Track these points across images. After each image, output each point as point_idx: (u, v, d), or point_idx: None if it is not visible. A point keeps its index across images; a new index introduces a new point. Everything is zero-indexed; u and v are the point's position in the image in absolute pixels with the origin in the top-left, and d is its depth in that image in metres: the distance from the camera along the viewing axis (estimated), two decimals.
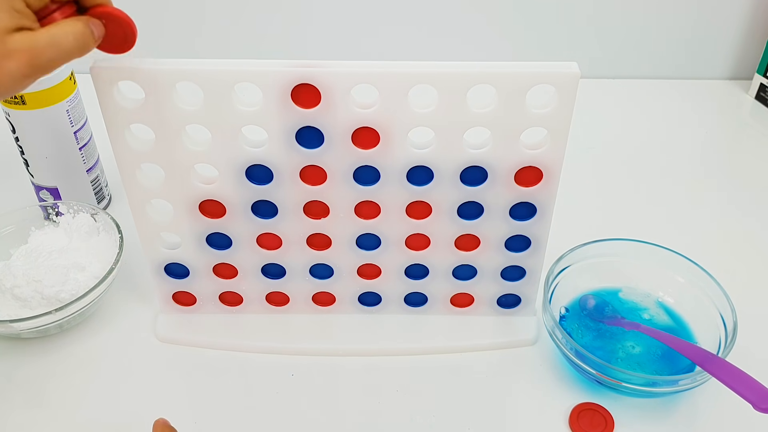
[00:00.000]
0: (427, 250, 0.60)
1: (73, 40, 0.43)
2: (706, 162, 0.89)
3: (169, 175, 0.55)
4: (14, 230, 0.69)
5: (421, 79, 0.49)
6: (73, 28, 0.43)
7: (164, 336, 0.64)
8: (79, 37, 0.43)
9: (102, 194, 0.77)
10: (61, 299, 0.61)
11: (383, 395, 0.59)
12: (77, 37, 0.43)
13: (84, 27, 0.43)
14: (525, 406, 0.59)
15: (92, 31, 0.44)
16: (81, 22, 0.43)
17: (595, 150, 0.88)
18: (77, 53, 0.44)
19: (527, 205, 0.56)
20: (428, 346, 0.63)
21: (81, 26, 0.43)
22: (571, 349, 0.57)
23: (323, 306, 0.65)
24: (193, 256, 0.60)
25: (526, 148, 0.53)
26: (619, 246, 0.64)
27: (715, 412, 0.57)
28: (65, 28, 0.42)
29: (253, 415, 0.58)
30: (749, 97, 1.00)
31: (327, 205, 0.57)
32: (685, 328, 0.62)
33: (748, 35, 1.00)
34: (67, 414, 0.58)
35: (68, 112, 0.69)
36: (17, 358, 0.62)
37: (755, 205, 0.80)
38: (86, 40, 0.44)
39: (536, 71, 0.49)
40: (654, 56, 1.03)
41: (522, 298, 0.63)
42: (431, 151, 0.53)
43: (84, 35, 0.43)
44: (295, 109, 0.50)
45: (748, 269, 0.71)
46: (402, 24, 0.99)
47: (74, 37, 0.43)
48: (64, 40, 0.42)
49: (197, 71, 0.49)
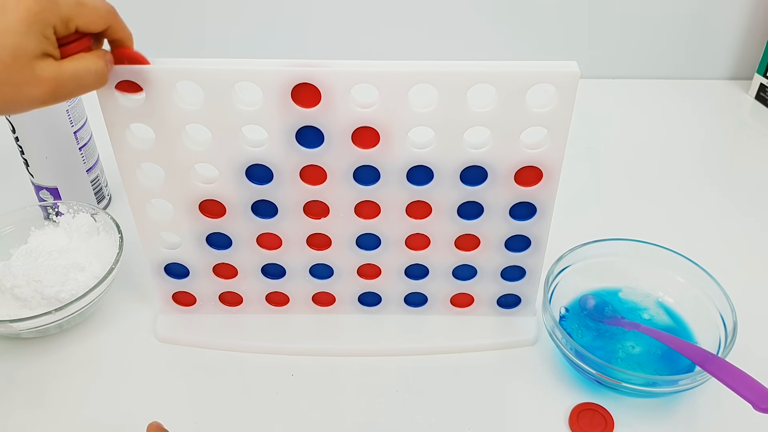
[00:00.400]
0: (427, 250, 0.60)
1: (94, 76, 0.45)
2: (706, 162, 0.89)
3: (169, 175, 0.55)
4: (14, 230, 0.69)
5: (421, 79, 0.49)
6: (95, 65, 0.45)
7: (164, 336, 0.64)
8: (99, 75, 0.45)
9: (102, 194, 0.77)
10: (61, 299, 0.61)
11: (383, 395, 0.59)
12: (98, 74, 0.45)
13: (104, 65, 0.45)
14: (525, 406, 0.59)
15: (108, 68, 0.46)
16: (102, 60, 0.45)
17: (595, 150, 0.88)
18: (95, 87, 0.46)
19: (527, 205, 0.56)
20: (428, 346, 0.63)
21: (102, 64, 0.45)
22: (571, 349, 0.57)
23: (323, 306, 0.65)
24: (193, 256, 0.60)
25: (526, 148, 0.53)
26: (619, 246, 0.64)
27: (715, 412, 0.57)
28: (88, 64, 0.44)
29: (253, 415, 0.58)
30: (749, 97, 1.00)
31: (327, 204, 0.57)
32: (685, 328, 0.62)
33: (748, 35, 1.01)
34: (67, 414, 0.58)
35: (68, 112, 0.69)
36: (17, 358, 0.62)
37: (755, 205, 0.80)
38: (104, 77, 0.46)
39: (536, 71, 0.49)
40: (654, 56, 1.03)
41: (522, 298, 0.63)
42: (431, 151, 0.53)
43: (103, 73, 0.46)
44: (295, 108, 0.50)
45: (748, 269, 0.71)
46: (402, 24, 0.99)
47: (95, 74, 0.45)
48: (86, 76, 0.44)
49: (197, 71, 0.49)
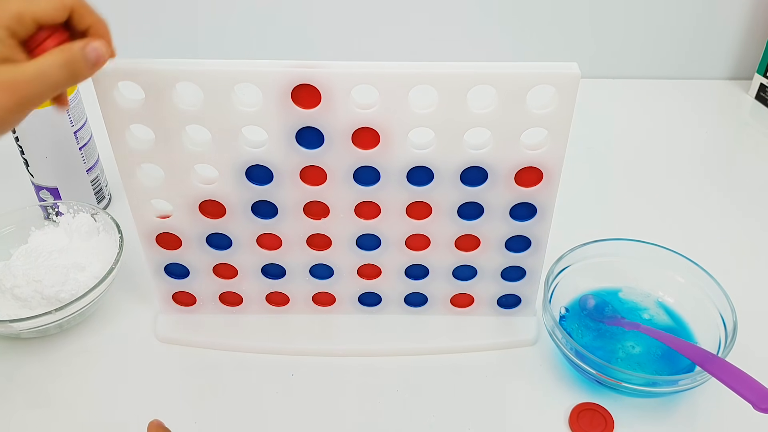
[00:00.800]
0: (427, 250, 0.60)
1: (62, 71, 0.40)
2: (706, 162, 0.89)
3: (169, 176, 0.55)
4: (14, 230, 0.69)
5: (421, 80, 0.49)
6: (61, 59, 0.40)
7: (164, 336, 0.64)
8: (69, 68, 0.41)
9: (102, 194, 0.77)
10: (61, 299, 0.61)
11: (383, 395, 0.59)
12: (68, 68, 0.40)
13: (73, 55, 0.41)
14: (525, 406, 0.59)
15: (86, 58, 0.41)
16: (70, 51, 0.41)
17: (595, 150, 0.88)
18: (68, 83, 0.41)
19: (527, 206, 0.56)
20: (428, 346, 0.63)
21: (69, 56, 0.40)
22: (571, 349, 0.57)
23: (323, 306, 0.65)
24: (193, 257, 0.60)
25: (526, 149, 0.53)
26: (619, 246, 0.64)
27: (715, 412, 0.58)
28: (52, 59, 0.40)
29: (253, 415, 0.58)
30: (749, 97, 1.00)
31: (327, 205, 0.57)
32: (685, 328, 0.62)
33: (748, 35, 1.00)
34: (68, 413, 0.58)
35: (68, 112, 0.69)
36: (17, 358, 0.62)
37: (755, 205, 0.80)
38: (77, 69, 0.41)
39: (536, 72, 0.49)
40: (654, 56, 1.03)
41: (522, 298, 0.63)
42: (431, 152, 0.53)
43: (73, 64, 0.41)
44: (295, 109, 0.50)
45: (748, 269, 0.71)
46: (402, 24, 0.99)
47: (65, 68, 0.40)
48: (50, 72, 0.40)
49: (197, 71, 0.49)
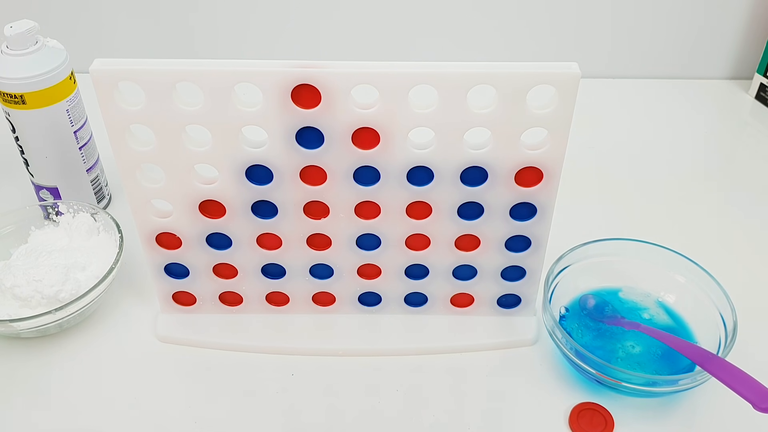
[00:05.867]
0: (427, 250, 0.60)
1: None
2: (706, 162, 0.89)
3: (170, 176, 0.55)
4: (14, 230, 0.69)
5: (421, 80, 0.49)
6: None
7: (164, 336, 0.64)
8: None
9: (102, 194, 0.77)
10: (61, 299, 0.61)
11: (383, 395, 0.59)
12: None
13: None
14: (525, 406, 0.59)
15: None
16: None
17: (595, 150, 0.88)
18: None
19: (527, 206, 0.56)
20: (428, 346, 0.63)
21: None
22: (571, 349, 0.57)
23: (323, 306, 0.65)
24: (193, 256, 0.60)
25: (526, 149, 0.53)
26: (619, 246, 0.64)
27: (715, 412, 0.58)
28: None
29: (253, 415, 0.58)
30: (749, 97, 1.00)
31: (327, 205, 0.57)
32: (685, 328, 0.62)
33: (748, 35, 1.00)
34: (68, 413, 0.58)
35: (68, 112, 0.69)
36: (17, 358, 0.62)
37: (755, 205, 0.80)
38: None
39: (536, 71, 0.49)
40: (654, 56, 1.03)
41: (522, 298, 0.63)
42: (431, 152, 0.53)
43: None
44: (295, 109, 0.50)
45: (748, 269, 0.71)
46: (402, 24, 0.99)
47: None
48: None
49: (197, 71, 0.49)
